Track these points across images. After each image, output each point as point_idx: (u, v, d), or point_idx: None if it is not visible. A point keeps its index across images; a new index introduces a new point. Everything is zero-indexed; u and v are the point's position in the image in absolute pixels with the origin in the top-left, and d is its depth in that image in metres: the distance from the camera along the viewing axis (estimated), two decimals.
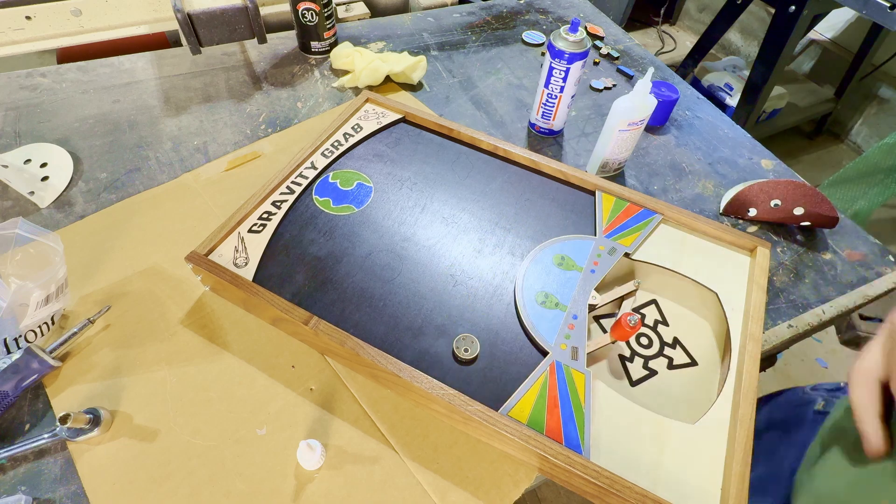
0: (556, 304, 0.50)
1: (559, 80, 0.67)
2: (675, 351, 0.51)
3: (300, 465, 0.43)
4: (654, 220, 0.57)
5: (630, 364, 0.50)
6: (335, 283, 0.51)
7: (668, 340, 0.52)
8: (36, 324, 0.47)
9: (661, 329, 0.53)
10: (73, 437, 0.42)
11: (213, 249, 0.52)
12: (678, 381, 0.49)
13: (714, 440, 0.42)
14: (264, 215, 0.55)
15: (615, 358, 0.51)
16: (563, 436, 0.41)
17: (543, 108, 0.71)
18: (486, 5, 1.01)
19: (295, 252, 0.53)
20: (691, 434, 0.43)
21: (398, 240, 0.55)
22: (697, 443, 0.42)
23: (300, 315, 0.46)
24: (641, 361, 0.51)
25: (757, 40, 2.28)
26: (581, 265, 0.53)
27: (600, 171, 0.69)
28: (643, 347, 0.51)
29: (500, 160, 0.64)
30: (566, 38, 0.63)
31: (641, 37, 2.57)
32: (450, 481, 0.43)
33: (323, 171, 0.60)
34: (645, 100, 0.61)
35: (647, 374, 0.50)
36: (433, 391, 0.42)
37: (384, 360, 0.44)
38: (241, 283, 0.48)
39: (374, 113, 0.68)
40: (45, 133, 0.68)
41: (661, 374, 0.50)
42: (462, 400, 0.42)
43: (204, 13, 0.71)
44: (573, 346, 0.47)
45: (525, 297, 0.50)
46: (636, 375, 0.50)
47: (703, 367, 0.50)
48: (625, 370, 0.50)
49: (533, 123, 0.75)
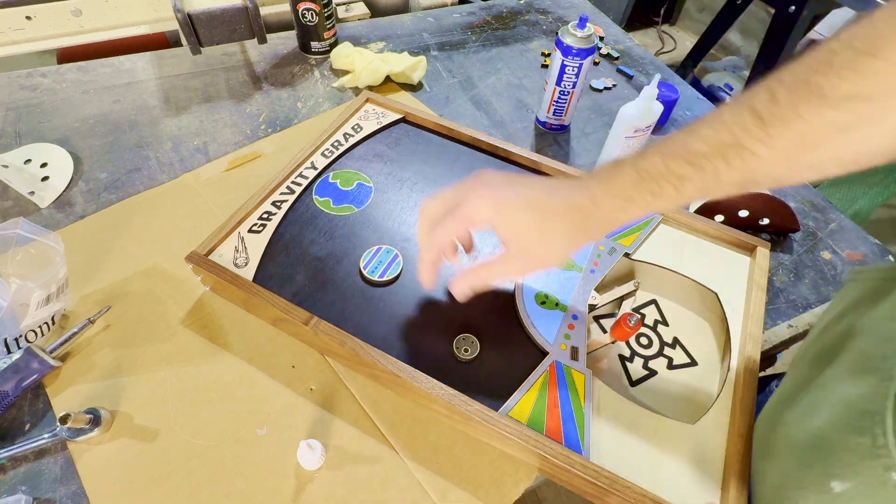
0: (556, 304, 0.50)
1: (572, 76, 0.68)
2: (675, 351, 0.51)
3: (300, 465, 0.43)
4: (654, 221, 0.57)
5: (630, 364, 0.50)
6: (335, 284, 0.51)
7: (668, 340, 0.52)
8: (36, 324, 0.47)
9: (661, 329, 0.53)
10: (73, 437, 0.42)
11: (214, 249, 0.52)
12: (678, 381, 0.49)
13: (714, 440, 0.42)
14: (264, 215, 0.55)
15: (615, 358, 0.51)
16: (562, 436, 0.41)
17: (556, 105, 0.72)
18: (486, 5, 1.01)
19: (295, 252, 0.53)
20: (691, 434, 0.43)
21: (399, 240, 0.55)
22: (697, 443, 0.42)
23: (300, 315, 0.46)
24: (641, 361, 0.50)
25: (757, 40, 2.28)
26: (581, 265, 0.53)
27: None
28: (643, 347, 0.51)
29: (500, 160, 0.64)
30: (575, 35, 0.64)
31: (641, 37, 2.57)
32: (450, 481, 0.43)
33: (323, 171, 0.60)
34: (651, 105, 0.61)
35: (646, 374, 0.50)
36: (433, 391, 0.42)
37: (384, 360, 0.44)
38: (241, 283, 0.48)
39: (374, 113, 0.68)
40: (45, 133, 0.68)
41: (660, 374, 0.50)
42: (462, 400, 0.42)
43: (204, 13, 0.71)
44: (573, 346, 0.47)
45: (525, 297, 0.50)
46: (636, 375, 0.50)
47: (702, 367, 0.50)
48: (625, 370, 0.50)
49: (543, 121, 0.76)
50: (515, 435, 0.40)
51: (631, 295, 0.53)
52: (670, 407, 0.47)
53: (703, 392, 0.48)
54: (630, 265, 0.56)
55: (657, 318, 0.54)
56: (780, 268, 0.62)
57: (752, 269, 0.54)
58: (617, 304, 0.54)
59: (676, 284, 0.54)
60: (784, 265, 0.62)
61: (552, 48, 0.68)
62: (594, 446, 0.41)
